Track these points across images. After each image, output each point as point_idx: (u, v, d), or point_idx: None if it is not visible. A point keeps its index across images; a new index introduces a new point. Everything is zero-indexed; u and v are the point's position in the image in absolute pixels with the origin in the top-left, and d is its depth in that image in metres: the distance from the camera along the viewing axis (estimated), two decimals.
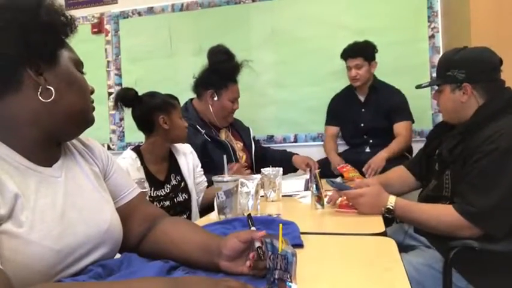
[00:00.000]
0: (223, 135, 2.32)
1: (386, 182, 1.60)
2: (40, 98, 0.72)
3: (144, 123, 1.77)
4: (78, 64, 0.82)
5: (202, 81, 2.29)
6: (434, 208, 1.32)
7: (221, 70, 2.25)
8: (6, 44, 0.69)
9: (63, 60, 0.77)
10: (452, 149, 1.36)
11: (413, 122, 2.51)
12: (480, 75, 1.35)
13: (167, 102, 1.76)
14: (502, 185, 1.19)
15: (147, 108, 1.73)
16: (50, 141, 0.78)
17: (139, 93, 1.78)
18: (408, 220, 1.38)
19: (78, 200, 0.79)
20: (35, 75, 0.72)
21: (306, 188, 1.79)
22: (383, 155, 2.28)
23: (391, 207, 1.31)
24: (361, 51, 2.48)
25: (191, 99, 2.37)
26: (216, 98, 2.25)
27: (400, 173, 1.71)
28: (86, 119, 0.82)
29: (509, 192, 1.19)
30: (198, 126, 2.16)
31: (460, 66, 1.36)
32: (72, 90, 0.77)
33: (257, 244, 0.74)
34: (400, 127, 2.46)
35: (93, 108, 0.85)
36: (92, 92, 0.85)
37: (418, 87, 1.59)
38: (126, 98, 1.72)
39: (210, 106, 2.25)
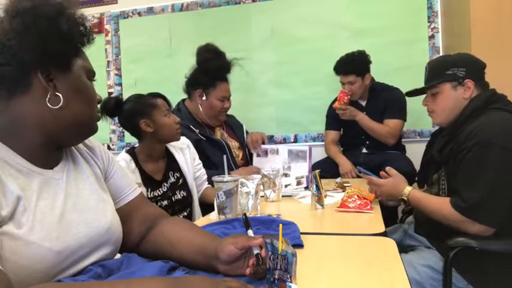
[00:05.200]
0: (218, 135, 2.31)
1: None
2: (48, 103, 0.73)
3: (130, 130, 1.75)
4: (90, 73, 0.82)
5: (191, 81, 2.28)
6: (437, 201, 1.35)
7: (208, 69, 2.23)
8: (22, 47, 0.69)
9: (75, 69, 0.77)
10: (441, 149, 1.41)
11: (405, 120, 2.50)
12: (477, 73, 1.42)
13: (146, 104, 1.70)
14: (486, 176, 1.22)
15: (127, 116, 1.70)
16: (52, 145, 0.78)
17: (140, 93, 1.76)
18: (420, 211, 1.45)
19: (78, 201, 0.79)
20: (45, 80, 0.72)
21: (306, 187, 1.80)
22: (360, 117, 2.41)
23: (405, 199, 1.42)
24: (353, 68, 2.45)
25: (183, 100, 2.36)
26: (204, 98, 2.23)
27: None
28: (89, 129, 0.82)
29: (495, 181, 1.22)
30: (191, 126, 2.15)
31: (459, 65, 1.41)
32: (80, 100, 0.78)
33: (256, 251, 0.74)
34: (388, 122, 2.45)
35: (99, 118, 0.85)
36: (99, 101, 0.85)
37: (411, 94, 1.63)
38: (107, 108, 1.66)
39: (199, 106, 2.24)
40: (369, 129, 2.43)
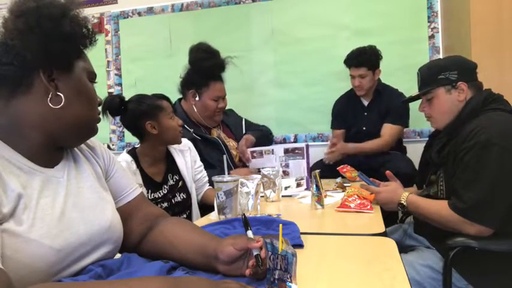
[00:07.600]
0: (214, 134, 2.29)
1: None
2: (49, 103, 0.73)
3: (134, 131, 1.73)
4: (91, 75, 0.82)
5: (184, 81, 2.26)
6: (435, 204, 1.35)
7: (201, 68, 2.20)
8: (25, 47, 0.70)
9: (77, 70, 0.78)
10: (440, 150, 1.41)
11: (406, 126, 2.49)
12: (469, 74, 1.43)
13: (152, 106, 1.68)
14: (486, 176, 1.22)
15: (132, 116, 1.68)
16: (52, 145, 0.79)
17: (144, 93, 1.75)
18: (418, 215, 1.44)
19: (79, 200, 0.79)
20: (47, 80, 0.73)
21: (306, 189, 1.80)
22: (350, 148, 2.31)
23: (404, 203, 1.41)
24: (365, 61, 2.44)
25: (179, 100, 2.34)
26: (197, 98, 2.21)
27: None
28: (90, 130, 0.83)
29: (494, 182, 1.22)
30: (186, 126, 2.12)
31: (450, 68, 1.42)
32: (81, 100, 0.78)
33: (255, 252, 0.74)
34: (386, 129, 2.44)
35: (99, 120, 0.85)
36: (100, 103, 0.86)
37: (406, 101, 1.69)
38: (111, 106, 1.64)
39: (193, 106, 2.22)
40: (363, 152, 2.40)
